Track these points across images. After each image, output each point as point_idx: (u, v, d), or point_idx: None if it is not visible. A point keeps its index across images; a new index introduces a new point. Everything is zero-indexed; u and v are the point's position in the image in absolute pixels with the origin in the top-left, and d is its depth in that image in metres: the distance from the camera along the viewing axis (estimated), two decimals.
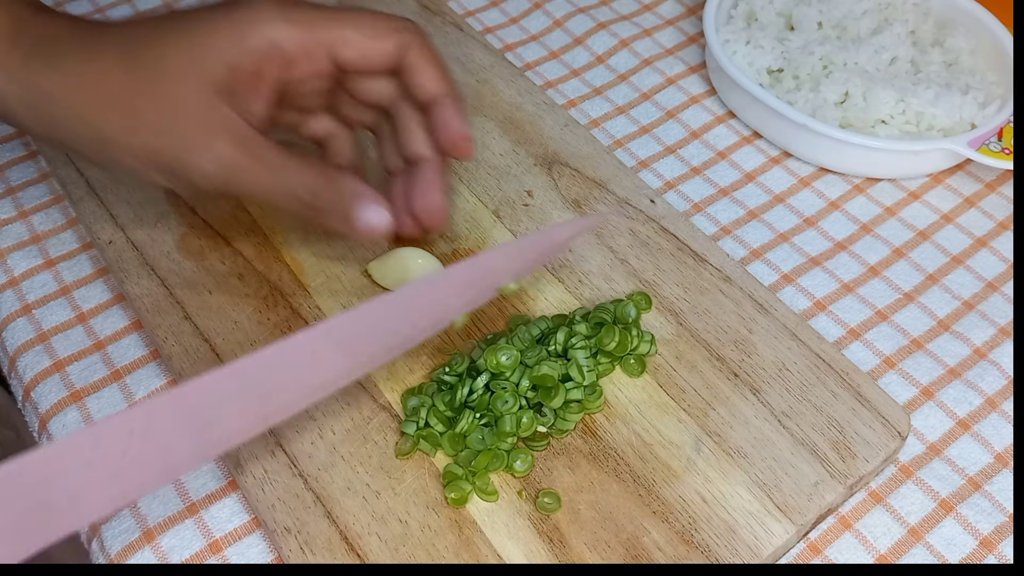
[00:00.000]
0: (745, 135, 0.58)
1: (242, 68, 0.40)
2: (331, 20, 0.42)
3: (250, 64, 0.40)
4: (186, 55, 0.40)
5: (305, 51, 0.41)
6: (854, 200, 0.54)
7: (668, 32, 0.64)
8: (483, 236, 0.50)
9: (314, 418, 0.43)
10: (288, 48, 0.41)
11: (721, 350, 0.45)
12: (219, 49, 0.40)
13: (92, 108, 0.40)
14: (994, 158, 0.51)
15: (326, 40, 0.41)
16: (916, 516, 0.42)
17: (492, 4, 0.65)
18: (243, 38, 0.40)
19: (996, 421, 0.45)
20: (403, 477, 0.41)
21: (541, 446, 0.42)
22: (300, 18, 0.41)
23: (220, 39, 0.40)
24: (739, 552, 0.39)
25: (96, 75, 0.40)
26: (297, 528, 0.40)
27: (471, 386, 0.42)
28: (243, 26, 0.40)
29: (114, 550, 0.41)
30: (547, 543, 0.39)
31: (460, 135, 0.43)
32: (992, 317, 0.49)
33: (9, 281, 0.50)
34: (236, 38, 0.40)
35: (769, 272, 0.51)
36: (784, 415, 0.43)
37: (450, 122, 0.43)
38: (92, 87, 0.40)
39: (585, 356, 0.43)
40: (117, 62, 0.40)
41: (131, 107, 0.39)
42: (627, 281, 0.48)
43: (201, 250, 0.49)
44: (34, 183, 0.55)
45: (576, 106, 0.59)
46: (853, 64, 0.56)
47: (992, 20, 0.58)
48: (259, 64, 0.41)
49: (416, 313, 0.39)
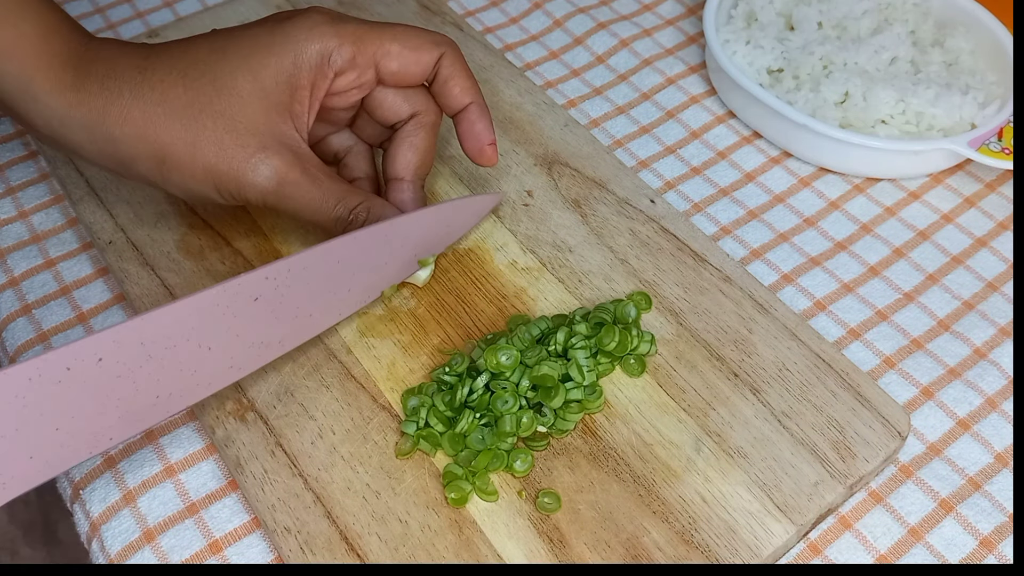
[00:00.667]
0: (745, 135, 0.58)
1: (299, 83, 0.42)
2: (378, 33, 0.44)
3: (306, 79, 0.42)
4: (245, 72, 0.41)
5: (354, 64, 0.43)
6: (854, 200, 0.54)
7: (668, 32, 0.64)
8: (483, 236, 0.50)
9: (314, 418, 0.43)
10: (339, 61, 0.43)
11: (721, 350, 0.45)
12: (276, 65, 0.42)
13: (153, 125, 0.41)
14: (994, 158, 0.51)
15: (374, 52, 0.43)
16: (916, 516, 0.42)
17: (492, 4, 0.65)
18: (299, 54, 0.42)
19: (996, 421, 0.45)
20: (403, 477, 0.41)
21: (541, 446, 0.42)
22: (350, 31, 0.43)
23: (276, 55, 0.42)
24: (739, 552, 0.39)
25: (157, 94, 0.41)
26: (297, 528, 0.40)
27: (471, 386, 0.42)
28: (298, 42, 0.42)
29: (114, 550, 0.41)
30: (547, 543, 0.39)
31: (486, 141, 0.46)
32: (992, 317, 0.49)
33: (9, 281, 0.50)
34: (292, 54, 0.42)
35: (769, 272, 0.51)
36: (784, 415, 0.43)
37: (478, 130, 0.46)
38: (153, 105, 0.41)
39: (585, 356, 0.43)
40: (178, 80, 0.41)
41: (192, 123, 0.41)
42: (627, 281, 0.48)
43: (201, 250, 0.49)
44: (34, 183, 0.55)
45: (576, 106, 0.59)
46: (853, 64, 0.56)
47: (992, 20, 0.58)
48: (313, 78, 0.42)
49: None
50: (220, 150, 0.41)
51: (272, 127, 0.42)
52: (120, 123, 0.41)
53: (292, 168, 0.42)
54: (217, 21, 0.61)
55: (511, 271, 0.48)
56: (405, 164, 0.46)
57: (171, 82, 0.41)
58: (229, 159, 0.41)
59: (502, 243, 0.49)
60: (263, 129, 0.42)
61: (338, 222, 0.44)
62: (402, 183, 0.46)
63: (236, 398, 0.43)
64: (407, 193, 0.46)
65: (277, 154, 0.42)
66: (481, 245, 0.49)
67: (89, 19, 0.64)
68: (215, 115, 0.41)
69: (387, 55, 0.44)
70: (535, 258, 0.49)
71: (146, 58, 0.42)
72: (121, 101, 0.41)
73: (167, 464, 0.43)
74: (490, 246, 0.49)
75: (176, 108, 0.41)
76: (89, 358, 0.36)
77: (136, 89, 0.41)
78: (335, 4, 0.62)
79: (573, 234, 0.50)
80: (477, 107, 0.46)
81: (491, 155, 0.46)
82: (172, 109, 0.41)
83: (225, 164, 0.41)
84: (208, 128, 0.41)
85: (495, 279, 0.48)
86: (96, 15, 0.64)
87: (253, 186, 0.42)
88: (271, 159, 0.41)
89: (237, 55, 0.42)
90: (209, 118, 0.41)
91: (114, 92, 0.41)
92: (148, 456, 0.43)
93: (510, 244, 0.49)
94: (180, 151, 0.41)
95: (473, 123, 0.46)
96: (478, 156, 0.46)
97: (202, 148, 0.41)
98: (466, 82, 0.45)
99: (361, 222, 0.44)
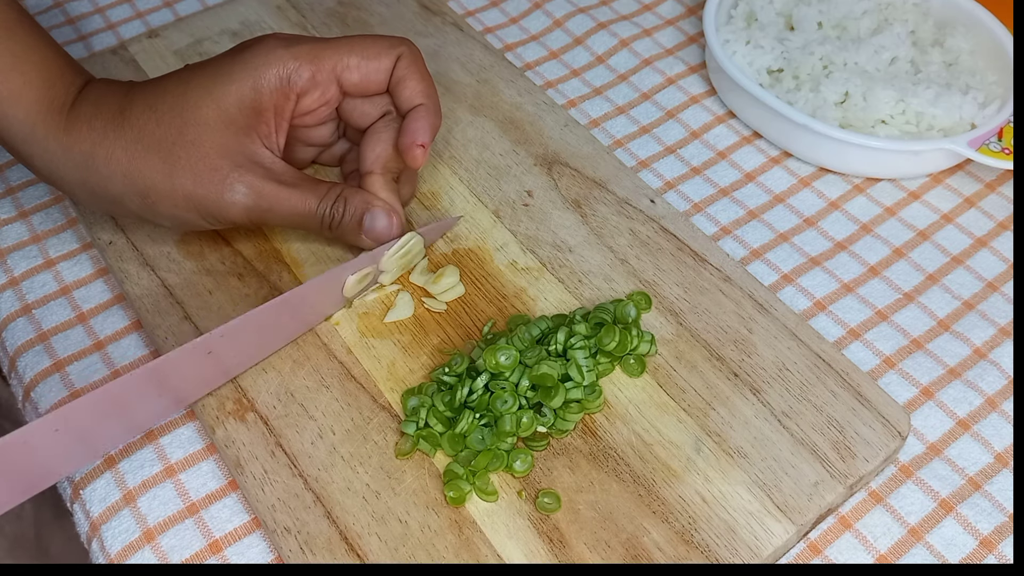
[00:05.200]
0: (745, 135, 0.58)
1: (262, 106, 0.44)
2: (333, 49, 0.45)
3: (268, 102, 0.44)
4: (209, 102, 0.43)
5: (315, 82, 0.45)
6: (854, 200, 0.54)
7: (668, 32, 0.64)
8: (483, 236, 0.50)
9: (314, 418, 0.43)
10: (299, 82, 0.45)
11: (721, 350, 0.45)
12: (237, 92, 0.44)
13: (134, 161, 0.43)
14: (994, 158, 0.51)
15: (332, 67, 0.45)
16: (916, 516, 0.42)
17: (492, 4, 0.65)
18: (258, 79, 0.44)
19: (996, 421, 0.45)
20: (403, 477, 0.41)
21: (541, 446, 0.42)
22: (305, 52, 0.45)
23: (237, 83, 0.44)
24: (739, 552, 0.39)
25: (135, 132, 0.43)
26: (297, 528, 0.40)
27: (471, 386, 0.42)
28: (256, 68, 0.44)
29: (114, 550, 0.41)
30: (547, 543, 0.39)
31: (417, 141, 0.46)
32: (992, 317, 0.49)
33: (9, 281, 0.50)
34: (252, 80, 0.44)
35: (769, 272, 0.51)
36: (784, 415, 0.43)
37: (414, 128, 0.46)
38: (132, 143, 0.43)
39: (585, 356, 0.43)
40: (151, 116, 0.43)
41: (167, 155, 0.43)
42: (627, 281, 0.48)
43: (201, 250, 0.49)
44: (34, 183, 0.55)
45: (576, 106, 0.59)
46: (853, 64, 0.56)
47: (992, 20, 0.58)
48: (275, 100, 0.44)
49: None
50: (196, 177, 0.43)
51: (241, 148, 0.44)
52: (106, 162, 0.43)
53: (266, 182, 0.44)
54: (217, 21, 0.61)
55: (511, 271, 0.48)
56: (374, 158, 0.47)
57: (145, 119, 0.43)
58: (206, 184, 0.43)
59: (502, 243, 0.49)
60: (233, 152, 0.43)
61: (322, 221, 0.45)
62: (372, 176, 0.47)
63: (236, 398, 0.43)
64: (377, 186, 0.47)
65: (250, 172, 0.44)
66: (481, 245, 0.49)
67: (89, 19, 0.64)
68: (187, 145, 0.43)
69: (347, 68, 0.45)
70: (535, 258, 0.49)
71: (125, 96, 0.44)
72: (106, 142, 0.43)
73: (167, 464, 0.43)
74: (490, 246, 0.49)
75: (152, 143, 0.43)
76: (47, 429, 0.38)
77: (117, 129, 0.43)
78: (335, 4, 0.62)
79: (573, 234, 0.50)
80: (424, 108, 0.46)
81: (417, 156, 0.46)
82: (149, 145, 0.43)
83: (203, 189, 0.43)
84: (182, 158, 0.43)
85: (495, 279, 0.48)
86: (96, 15, 0.64)
87: (233, 205, 0.43)
88: (244, 176, 0.43)
89: (200, 87, 0.44)
90: (182, 148, 0.43)
91: (99, 133, 0.43)
92: (148, 456, 0.43)
93: (510, 244, 0.49)
94: (160, 183, 0.43)
95: (413, 121, 0.46)
96: (405, 153, 0.46)
97: (180, 178, 0.43)
98: (419, 84, 0.46)
99: (341, 214, 0.45)
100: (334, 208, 0.45)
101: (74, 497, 0.43)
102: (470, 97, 0.56)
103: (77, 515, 0.43)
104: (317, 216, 0.45)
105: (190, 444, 0.44)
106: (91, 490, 0.43)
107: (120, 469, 0.43)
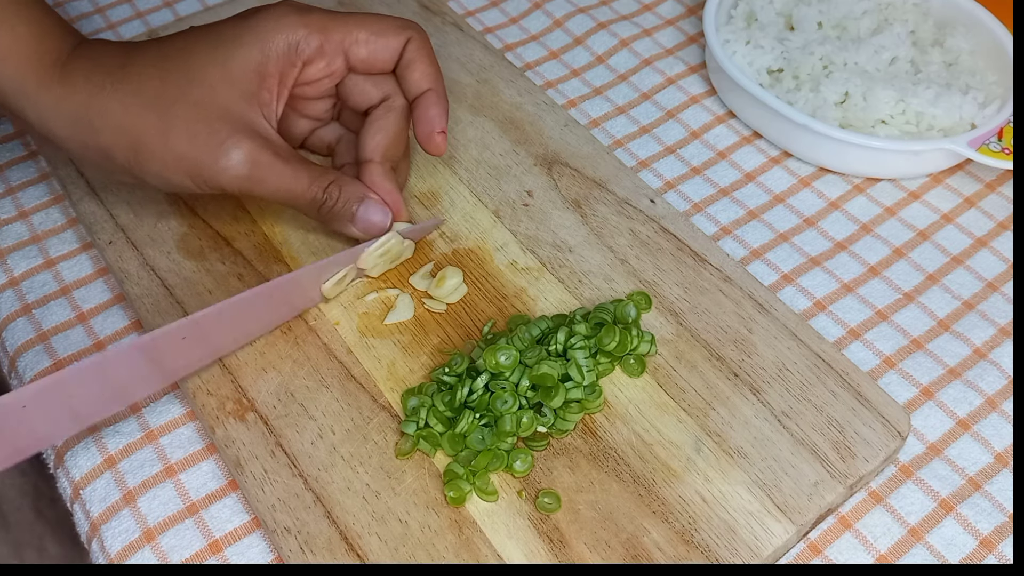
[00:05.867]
0: (745, 135, 0.58)
1: (267, 72, 0.44)
2: (344, 22, 0.45)
3: (274, 68, 0.44)
4: (215, 63, 0.43)
5: (322, 52, 0.45)
6: (854, 200, 0.54)
7: (668, 32, 0.64)
8: (483, 236, 0.50)
9: (314, 418, 0.43)
10: (307, 50, 0.44)
11: (721, 350, 0.45)
12: (244, 56, 0.43)
13: (129, 115, 0.42)
14: (994, 158, 0.51)
15: (341, 40, 0.45)
16: (916, 516, 0.42)
17: (492, 4, 0.65)
18: (266, 43, 0.44)
19: (996, 421, 0.45)
20: (403, 477, 0.41)
21: (541, 446, 0.42)
22: (316, 21, 0.44)
23: (245, 46, 0.43)
24: (739, 552, 0.39)
25: (134, 86, 0.43)
26: (297, 528, 0.40)
27: (471, 386, 0.42)
28: (266, 32, 0.44)
29: (114, 550, 0.41)
30: (547, 543, 0.39)
31: (437, 129, 0.46)
32: (992, 317, 0.49)
33: (9, 281, 0.50)
34: (260, 44, 0.43)
35: (769, 272, 0.51)
36: (784, 415, 0.43)
37: (431, 116, 0.46)
38: (130, 96, 0.42)
39: (585, 356, 0.43)
40: (154, 73, 0.43)
41: (165, 113, 0.42)
42: (627, 281, 0.48)
43: (201, 250, 0.49)
44: (34, 183, 0.55)
45: (576, 106, 0.59)
46: (853, 64, 0.56)
47: (992, 20, 0.58)
48: (281, 66, 0.44)
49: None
50: (192, 137, 0.42)
51: (242, 114, 0.43)
52: (100, 114, 0.42)
53: (263, 151, 0.43)
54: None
55: (511, 271, 0.48)
56: (374, 146, 0.47)
57: (148, 75, 0.43)
58: (201, 146, 0.42)
59: (502, 243, 0.49)
60: (233, 116, 0.43)
61: (313, 202, 0.45)
62: (372, 165, 0.47)
63: (236, 398, 0.43)
64: (376, 175, 0.47)
65: (248, 138, 0.43)
66: (481, 245, 0.49)
67: (89, 19, 0.64)
68: (187, 105, 0.42)
69: (355, 43, 0.45)
70: (535, 258, 0.49)
71: (127, 54, 0.44)
72: (103, 94, 0.42)
73: (167, 464, 0.43)
74: (490, 246, 0.49)
75: (151, 99, 0.42)
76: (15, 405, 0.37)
77: (116, 83, 0.42)
78: (335, 4, 0.62)
79: (573, 234, 0.50)
80: (435, 94, 0.46)
81: (439, 143, 0.46)
82: (147, 100, 0.42)
83: (197, 151, 0.42)
84: (180, 117, 0.42)
85: (495, 279, 0.48)
86: (96, 15, 0.64)
87: (226, 170, 0.43)
88: (242, 143, 0.43)
89: (208, 47, 0.43)
90: (181, 107, 0.42)
91: (96, 85, 0.42)
92: (148, 456, 0.43)
93: (510, 244, 0.49)
94: (153, 140, 0.42)
95: (428, 108, 0.46)
96: (426, 142, 0.46)
97: (175, 136, 0.42)
98: (428, 68, 0.46)
99: (335, 200, 0.45)
100: (327, 192, 0.44)
101: (74, 497, 0.43)
102: (470, 97, 0.56)
103: (77, 515, 0.43)
104: (308, 196, 0.44)
105: (190, 444, 0.44)
106: (91, 490, 0.43)
107: (120, 469, 0.43)
